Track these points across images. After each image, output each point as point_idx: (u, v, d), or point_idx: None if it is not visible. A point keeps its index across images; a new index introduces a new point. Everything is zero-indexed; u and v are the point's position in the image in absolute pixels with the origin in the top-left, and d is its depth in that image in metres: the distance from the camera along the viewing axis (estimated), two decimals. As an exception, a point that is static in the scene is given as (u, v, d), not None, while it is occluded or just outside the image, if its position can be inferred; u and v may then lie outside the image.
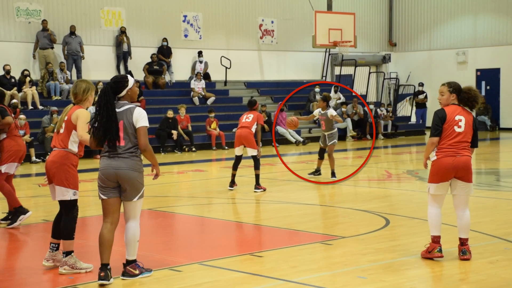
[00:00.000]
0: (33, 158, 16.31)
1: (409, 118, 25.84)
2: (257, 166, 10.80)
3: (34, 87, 18.50)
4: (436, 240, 6.20)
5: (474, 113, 6.46)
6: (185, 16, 22.88)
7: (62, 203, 6.03)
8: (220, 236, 7.74)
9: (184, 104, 19.95)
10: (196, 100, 21.50)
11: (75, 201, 6.00)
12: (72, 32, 19.87)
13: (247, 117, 10.93)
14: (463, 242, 6.23)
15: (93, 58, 20.72)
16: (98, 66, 20.88)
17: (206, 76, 22.64)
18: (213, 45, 23.33)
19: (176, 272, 5.96)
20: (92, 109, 11.85)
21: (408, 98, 26.70)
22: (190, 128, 19.37)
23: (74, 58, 19.97)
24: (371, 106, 23.65)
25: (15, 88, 17.96)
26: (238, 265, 6.16)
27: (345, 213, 9.01)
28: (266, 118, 20.80)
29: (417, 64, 27.66)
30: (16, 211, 8.08)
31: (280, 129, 21.20)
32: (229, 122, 21.09)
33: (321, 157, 12.54)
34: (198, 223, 8.78)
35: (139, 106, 5.82)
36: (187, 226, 8.72)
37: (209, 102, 21.74)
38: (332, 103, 23.78)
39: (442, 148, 6.14)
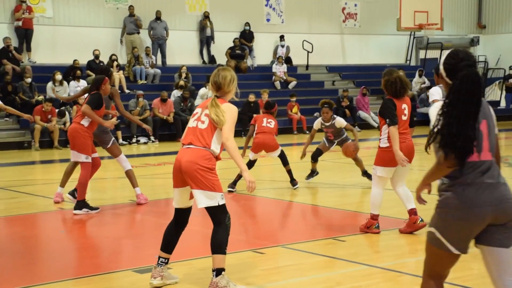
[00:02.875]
0: (120, 141, 16.82)
1: (498, 102, 24.89)
2: (285, 162, 9.66)
3: (121, 72, 19.04)
4: (375, 217, 6.75)
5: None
6: (267, 0, 22.86)
7: (210, 210, 4.86)
8: (301, 220, 7.74)
9: (266, 88, 20.01)
10: (277, 84, 21.52)
11: (224, 206, 4.85)
12: (158, 17, 20.28)
13: (268, 122, 9.59)
14: (415, 212, 6.71)
15: (177, 43, 21.10)
16: (182, 51, 21.24)
17: (288, 60, 22.60)
18: (295, 29, 23.22)
19: (260, 254, 6.01)
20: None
21: (497, 82, 25.70)
22: (271, 112, 19.40)
23: (159, 43, 20.40)
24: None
25: (103, 72, 18.53)
26: (321, 249, 6.14)
27: (430, 199, 8.79)
28: (348, 103, 20.58)
29: (508, 47, 26.51)
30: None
31: (362, 113, 20.93)
32: (311, 107, 20.97)
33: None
34: (279, 206, 8.81)
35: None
36: (268, 209, 8.77)
37: (290, 86, 21.70)
38: (416, 87, 23.24)
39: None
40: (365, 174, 9.97)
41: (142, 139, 17.38)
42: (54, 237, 7.08)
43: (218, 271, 4.80)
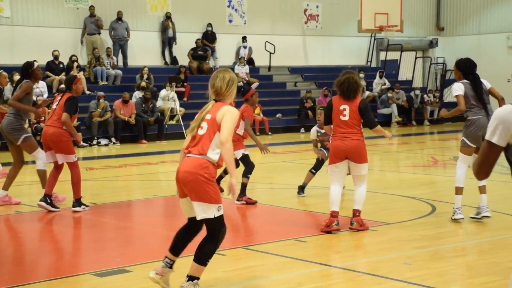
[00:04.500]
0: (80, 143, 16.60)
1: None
2: (245, 173, 8.79)
3: (81, 73, 18.79)
4: (334, 215, 6.79)
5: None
6: (230, 1, 22.86)
7: (205, 221, 4.73)
8: (262, 221, 7.76)
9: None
10: (240, 85, 21.53)
11: (220, 218, 4.71)
12: (119, 18, 20.09)
13: None
14: (354, 213, 6.90)
15: (139, 44, 20.93)
16: (144, 52, 21.08)
17: (250, 62, 22.64)
18: (258, 30, 23.27)
19: (221, 256, 5.99)
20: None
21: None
22: (234, 113, 19.39)
23: (120, 43, 20.21)
24: (417, 92, 23.31)
25: (63, 73, 18.28)
26: (282, 250, 6.17)
27: (390, 200, 8.92)
28: (312, 104, 20.71)
29: (465, 49, 26.99)
30: None
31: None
32: (273, 108, 21.07)
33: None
34: (240, 207, 8.80)
35: None
36: (229, 210, 8.74)
37: (253, 87, 21.74)
38: (377, 88, 23.52)
39: (335, 133, 6.89)
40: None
41: (103, 141, 17.18)
42: (11, 241, 6.95)
43: (192, 278, 4.72)
